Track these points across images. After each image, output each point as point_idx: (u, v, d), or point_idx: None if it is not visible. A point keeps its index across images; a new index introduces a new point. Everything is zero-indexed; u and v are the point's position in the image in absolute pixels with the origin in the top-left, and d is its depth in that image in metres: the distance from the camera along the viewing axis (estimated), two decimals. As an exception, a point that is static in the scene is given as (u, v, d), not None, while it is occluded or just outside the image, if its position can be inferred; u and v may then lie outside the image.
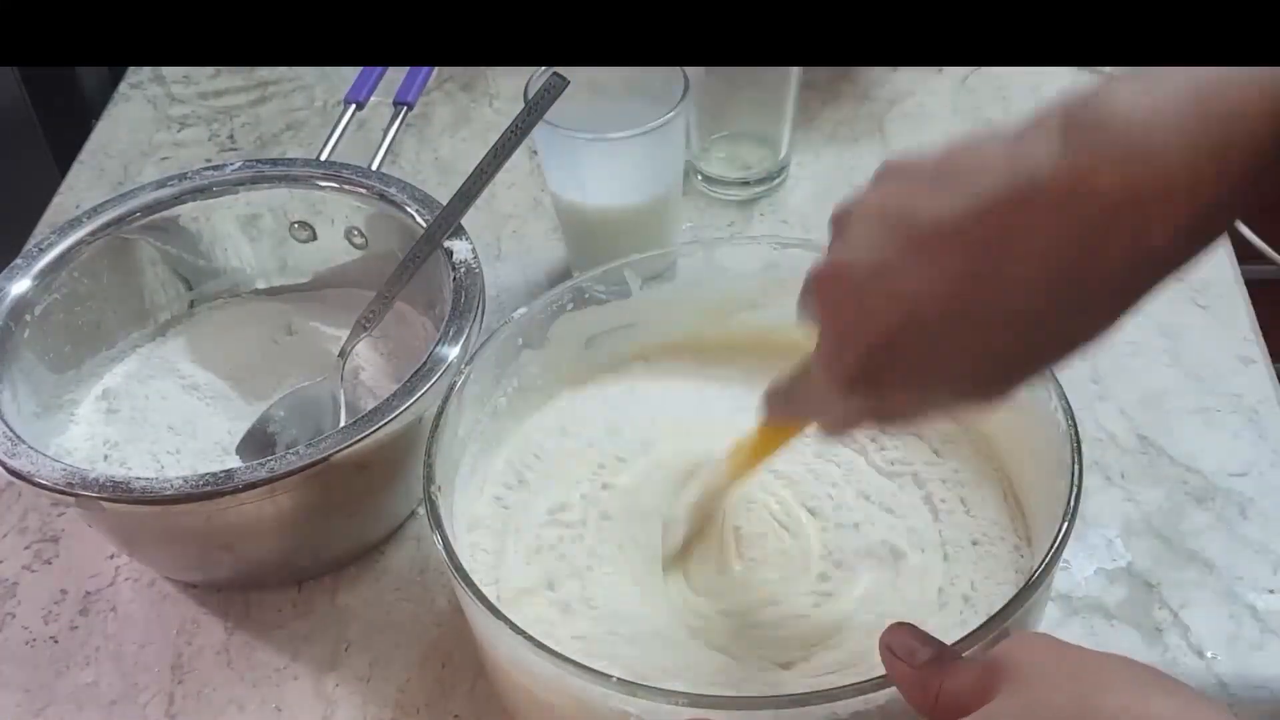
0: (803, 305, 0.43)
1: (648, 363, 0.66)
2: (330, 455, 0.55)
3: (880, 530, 0.57)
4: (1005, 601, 0.47)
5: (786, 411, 0.51)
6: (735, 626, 0.54)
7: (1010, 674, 0.39)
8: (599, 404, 0.64)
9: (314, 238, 0.71)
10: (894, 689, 0.45)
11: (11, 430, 0.58)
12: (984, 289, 0.38)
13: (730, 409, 0.63)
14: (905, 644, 0.44)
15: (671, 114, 0.67)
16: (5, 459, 0.56)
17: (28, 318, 0.63)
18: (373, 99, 0.77)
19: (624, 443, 0.62)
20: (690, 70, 0.69)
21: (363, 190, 0.69)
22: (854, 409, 0.44)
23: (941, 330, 0.39)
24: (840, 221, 0.42)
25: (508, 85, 0.94)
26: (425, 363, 0.59)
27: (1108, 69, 0.91)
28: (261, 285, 0.73)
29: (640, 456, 0.62)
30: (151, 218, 0.68)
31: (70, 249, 0.66)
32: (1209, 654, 0.58)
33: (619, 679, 0.46)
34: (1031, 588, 0.48)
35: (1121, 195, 0.35)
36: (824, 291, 0.42)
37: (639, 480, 0.61)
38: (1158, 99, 0.36)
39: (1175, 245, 0.36)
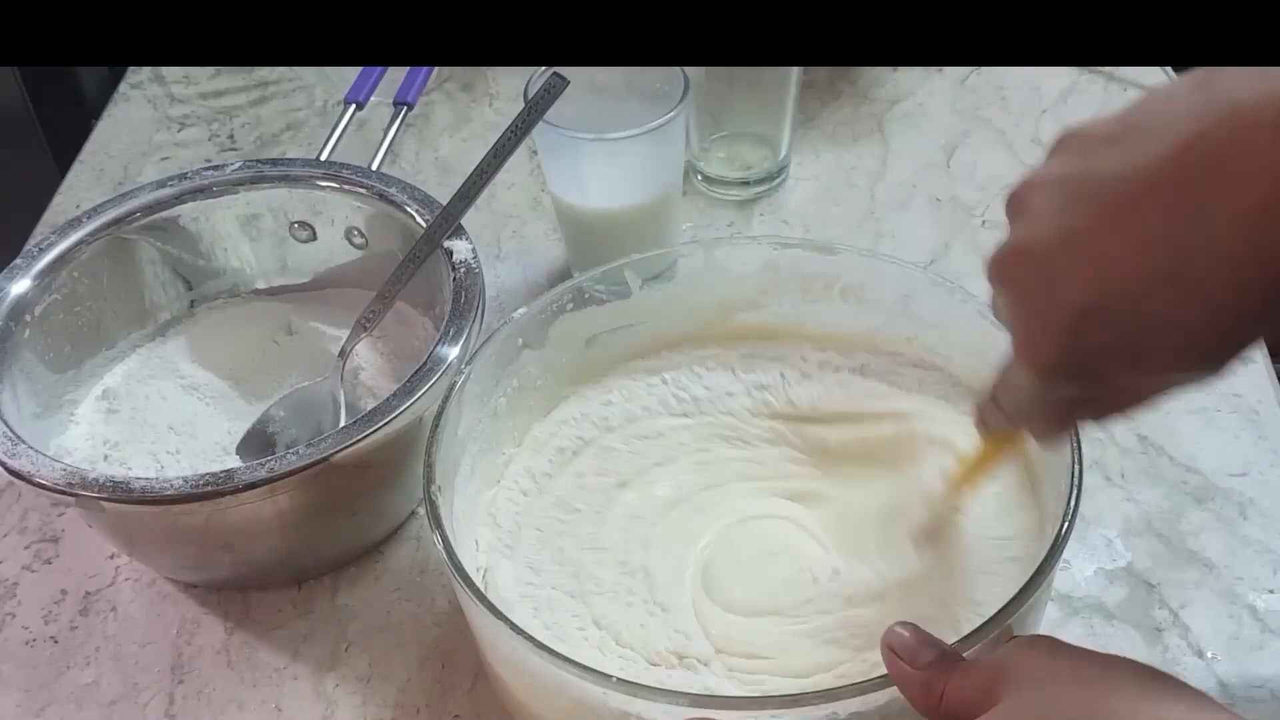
0: (993, 303, 0.41)
1: (648, 362, 0.66)
2: (330, 455, 0.55)
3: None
4: (1005, 601, 0.47)
5: (1000, 421, 0.47)
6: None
7: (1015, 678, 0.38)
8: (600, 404, 0.64)
9: (314, 238, 0.71)
10: (894, 689, 0.45)
11: (11, 430, 0.57)
12: (1190, 235, 0.34)
13: (730, 406, 0.64)
14: (907, 645, 0.43)
15: (671, 114, 0.67)
16: (5, 459, 0.56)
17: (28, 318, 0.63)
18: (373, 99, 0.77)
19: (625, 442, 0.62)
20: (690, 70, 0.69)
21: (363, 190, 0.69)
22: (1064, 402, 0.42)
23: (1146, 293, 0.35)
24: (1017, 200, 0.39)
25: (508, 85, 0.94)
26: (425, 363, 0.59)
27: (1108, 69, 0.91)
28: (261, 285, 0.73)
29: (642, 455, 0.62)
30: (151, 218, 0.68)
31: (70, 249, 0.66)
32: (1209, 654, 0.58)
33: (619, 679, 0.46)
34: (1031, 588, 0.48)
35: None
36: (1009, 273, 0.39)
37: (641, 479, 0.61)
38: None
39: None
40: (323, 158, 0.71)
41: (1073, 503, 0.50)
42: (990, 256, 0.40)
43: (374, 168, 0.70)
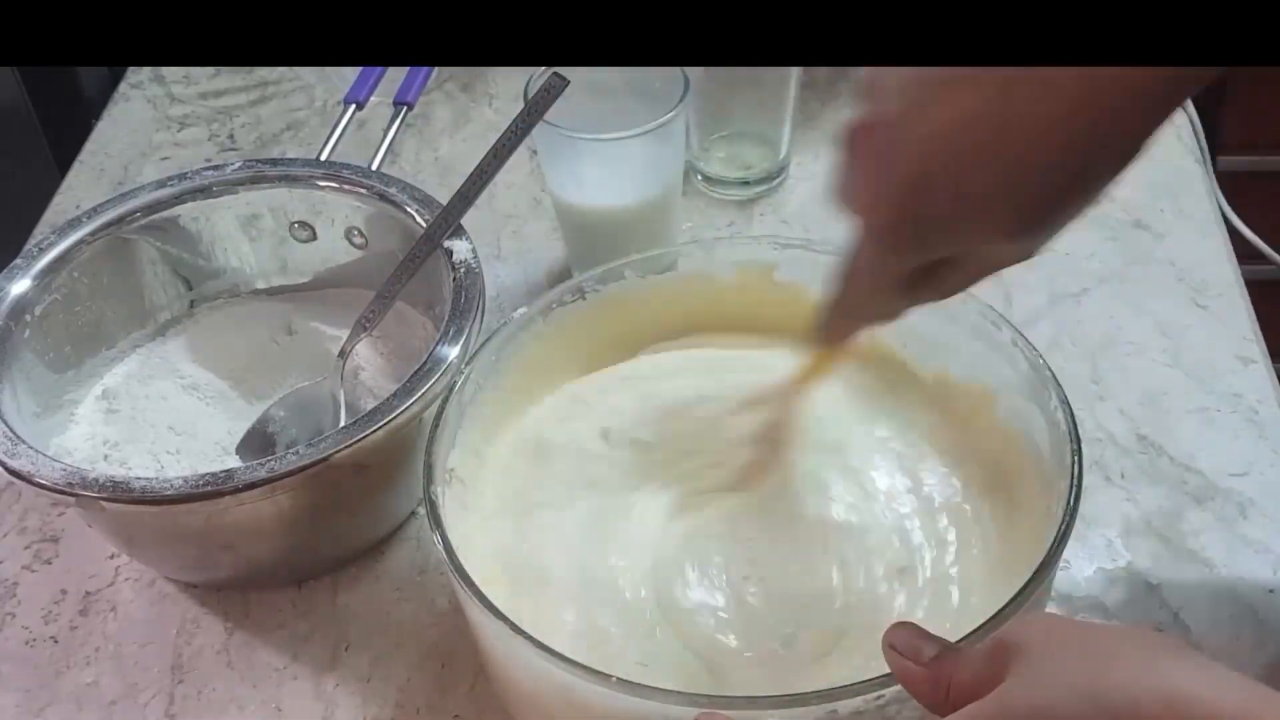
0: (835, 181, 0.43)
1: (647, 361, 0.66)
2: (330, 455, 0.55)
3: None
4: (1005, 601, 0.47)
5: (837, 324, 0.51)
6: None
7: (1019, 654, 0.39)
8: (600, 404, 0.64)
9: (314, 238, 0.71)
10: (895, 688, 0.45)
11: (11, 430, 0.58)
12: (1014, 103, 0.38)
13: (729, 403, 0.64)
14: (909, 642, 0.44)
15: (671, 114, 0.67)
16: (5, 459, 0.56)
17: (28, 318, 0.63)
18: (373, 99, 0.77)
19: (625, 442, 0.62)
20: (690, 70, 0.69)
21: (363, 190, 0.69)
22: (902, 275, 0.44)
23: (977, 155, 0.39)
24: (867, 86, 0.42)
25: (508, 85, 0.94)
26: (425, 363, 0.59)
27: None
28: (261, 285, 0.73)
29: (643, 455, 0.62)
30: (151, 218, 0.68)
31: (70, 249, 0.66)
32: (1209, 654, 0.58)
33: (619, 679, 0.46)
34: (1031, 588, 0.48)
35: None
36: (856, 147, 0.42)
37: (641, 479, 0.61)
38: None
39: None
40: (323, 158, 0.71)
41: (1073, 503, 0.50)
42: (844, 131, 0.42)
43: (374, 168, 0.70)
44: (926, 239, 0.42)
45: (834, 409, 0.61)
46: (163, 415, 0.66)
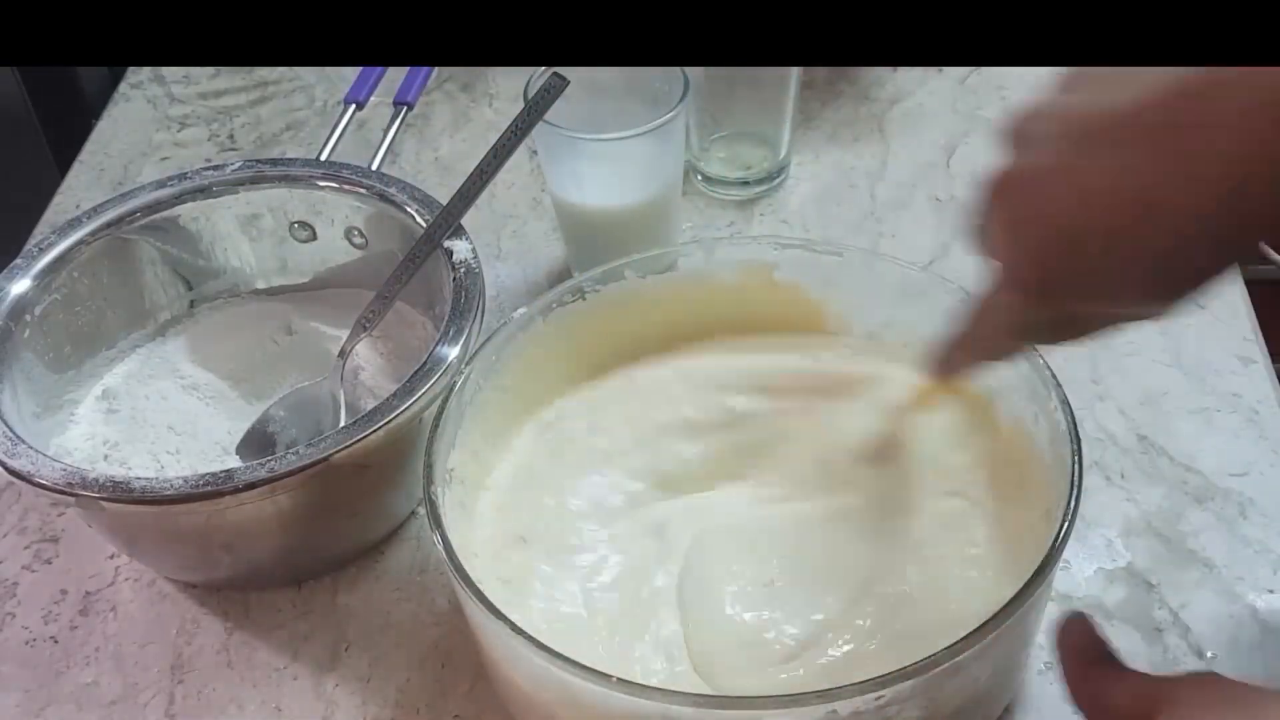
0: (974, 226, 0.43)
1: (647, 361, 0.66)
2: (330, 455, 0.55)
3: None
4: (1005, 601, 0.47)
5: (956, 359, 0.52)
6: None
7: (1174, 699, 0.40)
8: (601, 403, 0.64)
9: (314, 238, 0.71)
10: (895, 688, 0.45)
11: (11, 430, 0.57)
12: (1170, 171, 0.37)
13: (730, 402, 0.64)
14: (1082, 645, 0.45)
15: (671, 114, 0.67)
16: (5, 459, 0.56)
17: (28, 318, 0.63)
18: (373, 99, 0.77)
19: (626, 441, 0.62)
20: (690, 70, 0.69)
21: (363, 190, 0.69)
22: (1033, 322, 0.45)
23: (1126, 222, 0.38)
24: (1019, 130, 0.41)
25: (508, 85, 0.94)
26: (425, 363, 0.59)
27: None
28: (261, 285, 0.73)
29: (644, 453, 0.62)
30: (151, 218, 0.68)
31: (70, 249, 0.65)
32: (1209, 654, 0.58)
33: (619, 679, 0.46)
34: (1031, 588, 0.48)
35: None
36: (1002, 196, 0.41)
37: (640, 478, 0.61)
38: None
39: None
40: (323, 158, 0.71)
41: (1073, 503, 0.50)
42: (988, 179, 0.42)
43: (374, 168, 0.70)
44: (1068, 293, 0.42)
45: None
46: (162, 415, 0.66)
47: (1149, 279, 0.40)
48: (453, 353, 0.59)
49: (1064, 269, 0.40)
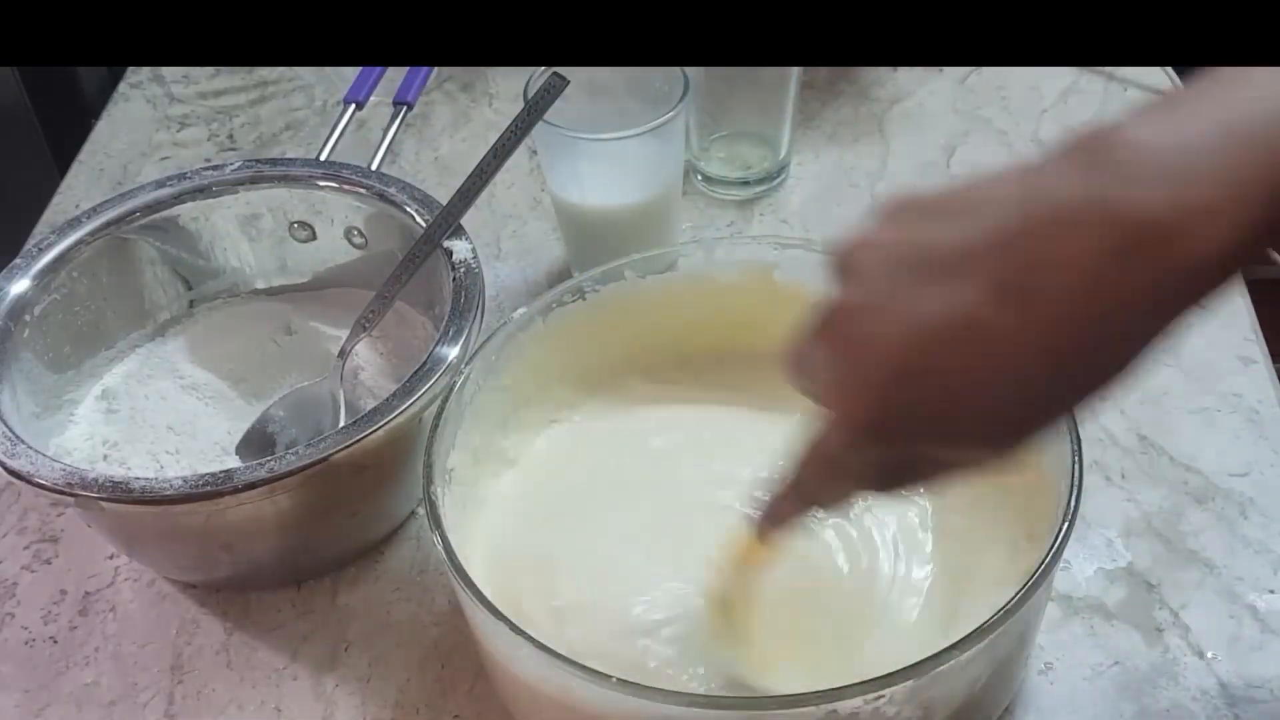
0: (798, 363, 0.41)
1: (647, 360, 0.66)
2: (330, 455, 0.55)
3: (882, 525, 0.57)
4: (1005, 601, 0.47)
5: (784, 509, 0.47)
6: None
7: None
8: (599, 401, 0.64)
9: (314, 238, 0.71)
10: (895, 688, 0.45)
11: (11, 430, 0.57)
12: (1008, 310, 0.36)
13: (729, 396, 0.64)
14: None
15: (671, 114, 0.67)
16: (5, 459, 0.56)
17: (27, 318, 0.63)
18: (372, 99, 0.77)
19: (626, 441, 0.62)
20: (690, 70, 0.69)
21: (362, 190, 0.69)
22: (865, 467, 0.42)
23: (950, 359, 0.36)
24: (842, 264, 0.39)
25: (508, 85, 0.94)
26: (425, 363, 0.59)
27: (1108, 69, 0.91)
28: (261, 285, 0.73)
29: (642, 453, 0.62)
30: (151, 218, 0.68)
31: (70, 249, 0.65)
32: (1209, 654, 0.58)
33: (619, 679, 0.46)
34: (1031, 588, 0.48)
35: (1162, 211, 0.34)
36: (833, 329, 0.39)
37: (640, 478, 0.61)
38: (1183, 128, 0.35)
39: (1210, 266, 0.34)
40: (322, 158, 0.71)
41: (1073, 503, 0.50)
42: (813, 320, 0.40)
43: (374, 168, 0.70)
44: (901, 435, 0.39)
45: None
46: (162, 415, 0.66)
47: (989, 420, 0.38)
48: (453, 353, 0.59)
49: (894, 406, 0.38)
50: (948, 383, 0.37)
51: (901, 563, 0.56)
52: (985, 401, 0.37)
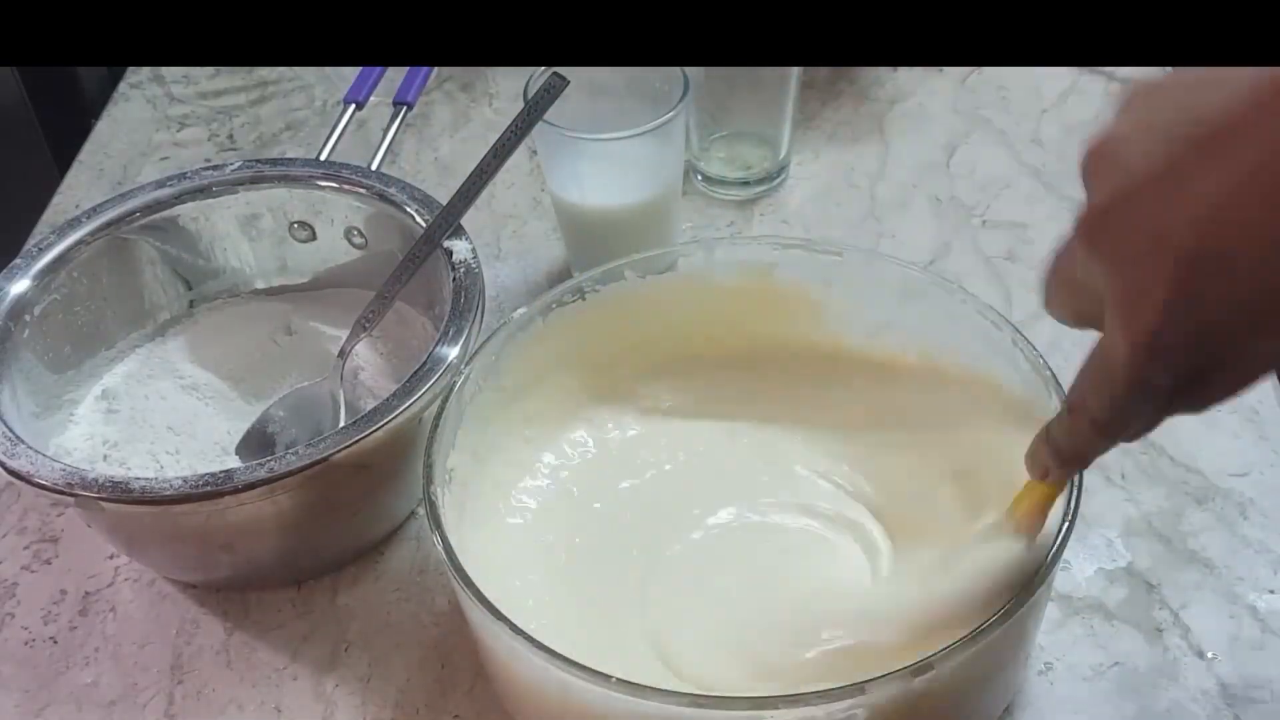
0: (1065, 287, 0.37)
1: (647, 361, 0.66)
2: (330, 455, 0.55)
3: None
4: (1005, 602, 0.47)
5: (1058, 462, 0.45)
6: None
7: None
8: (599, 402, 0.64)
9: (314, 238, 0.71)
10: (896, 688, 0.45)
11: (11, 430, 0.57)
12: None
13: (728, 396, 0.64)
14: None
15: (671, 114, 0.67)
16: (5, 459, 0.56)
17: (27, 318, 0.63)
18: (372, 99, 0.77)
19: (626, 441, 0.62)
20: (690, 70, 0.69)
21: (362, 190, 0.69)
22: (1163, 391, 0.37)
23: (1270, 225, 0.32)
24: (1097, 158, 0.35)
25: (508, 85, 0.94)
26: (425, 363, 0.59)
27: (1108, 69, 0.91)
28: (261, 285, 0.73)
29: (642, 453, 0.62)
30: (151, 218, 0.68)
31: (70, 249, 0.65)
32: (1209, 654, 0.58)
33: (619, 679, 0.46)
34: (1031, 588, 0.48)
35: None
36: (1105, 233, 0.35)
37: (640, 479, 0.61)
38: None
39: None
40: (322, 158, 0.71)
41: (1073, 503, 0.50)
42: (1077, 223, 0.36)
43: (374, 168, 0.70)
44: (1210, 337, 0.34)
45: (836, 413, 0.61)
46: (162, 415, 0.66)
47: None
48: (452, 353, 0.59)
49: (1199, 302, 0.33)
50: (1256, 266, 0.32)
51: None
52: None
